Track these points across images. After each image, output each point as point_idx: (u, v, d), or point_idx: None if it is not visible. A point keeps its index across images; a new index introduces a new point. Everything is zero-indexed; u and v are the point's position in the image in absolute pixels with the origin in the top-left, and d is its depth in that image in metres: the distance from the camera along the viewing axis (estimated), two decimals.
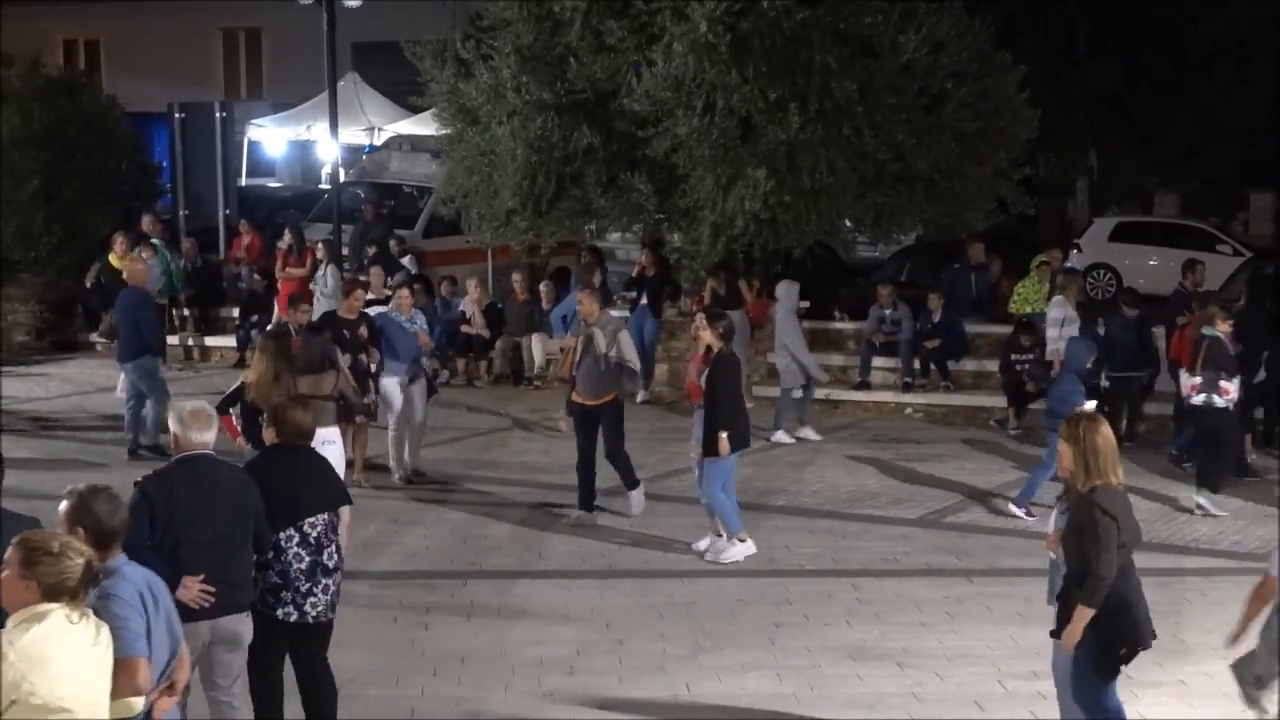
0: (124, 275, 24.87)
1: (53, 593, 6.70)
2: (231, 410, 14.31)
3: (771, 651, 12.94)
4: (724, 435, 15.25)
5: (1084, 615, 9.52)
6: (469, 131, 24.34)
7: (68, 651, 6.65)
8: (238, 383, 14.61)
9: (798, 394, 21.66)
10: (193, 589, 9.35)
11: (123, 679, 6.92)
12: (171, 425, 9.79)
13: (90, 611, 6.90)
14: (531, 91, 23.01)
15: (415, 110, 32.44)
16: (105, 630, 6.91)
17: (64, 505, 7.61)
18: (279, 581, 10.11)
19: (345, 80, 34.16)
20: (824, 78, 21.97)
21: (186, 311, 28.26)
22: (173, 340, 27.81)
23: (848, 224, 24.61)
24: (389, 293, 21.18)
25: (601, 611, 14.02)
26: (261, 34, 46.91)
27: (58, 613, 6.68)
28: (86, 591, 6.82)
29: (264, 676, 10.29)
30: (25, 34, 38.00)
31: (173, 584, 8.98)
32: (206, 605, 9.43)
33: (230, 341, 27.69)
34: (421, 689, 12.11)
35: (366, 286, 20.29)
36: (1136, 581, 9.77)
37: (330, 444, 14.63)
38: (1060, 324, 20.42)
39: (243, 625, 9.78)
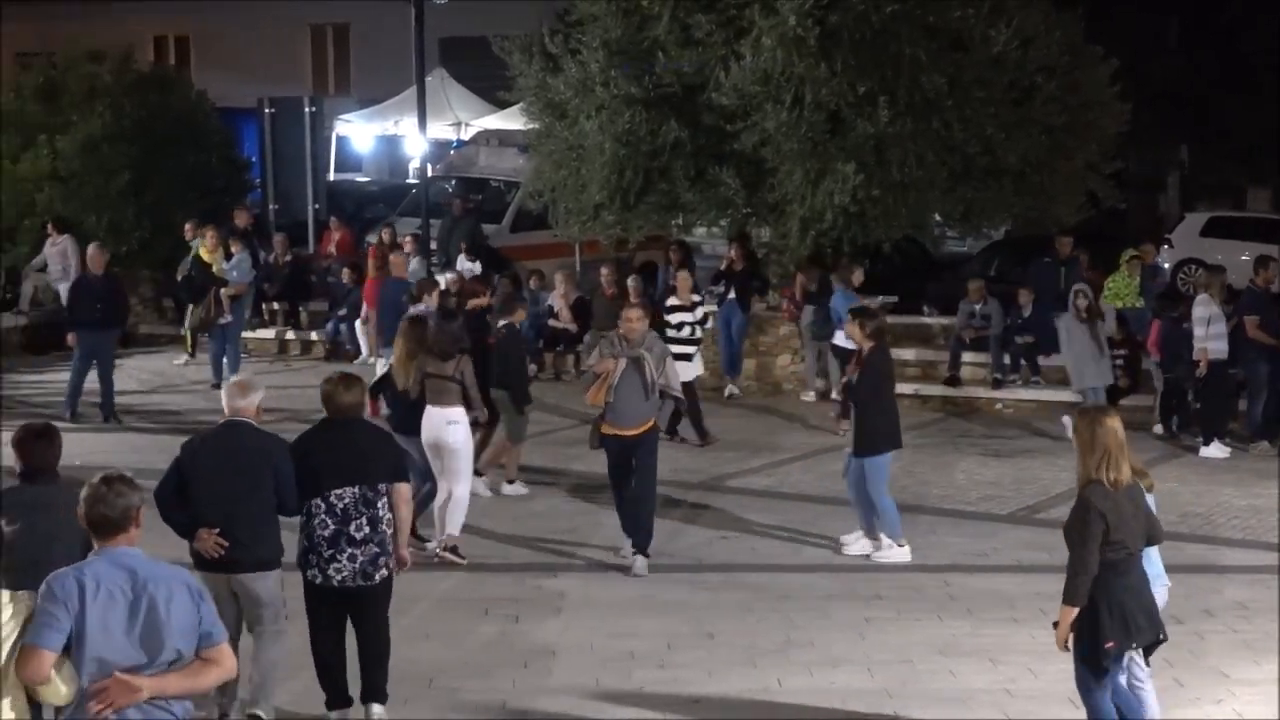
0: (212, 270, 25.16)
1: None
2: (382, 394, 15.80)
3: (862, 646, 12.89)
4: (847, 423, 15.30)
5: (1066, 613, 9.66)
6: (557, 126, 24.37)
7: None
8: (387, 368, 15.63)
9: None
10: (207, 541, 10.47)
11: (20, 664, 7.06)
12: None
13: (15, 594, 7.20)
14: (619, 86, 23.03)
15: (502, 105, 32.50)
16: (20, 614, 7.15)
17: None
18: (306, 545, 10.93)
19: (433, 75, 34.25)
20: (913, 71, 21.92)
21: (276, 305, 28.43)
22: (266, 334, 27.95)
23: (936, 218, 24.49)
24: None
25: (690, 605, 14.01)
26: (349, 29, 47.09)
27: None
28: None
29: (315, 636, 11.16)
30: (116, 30, 38.30)
31: (189, 534, 10.55)
32: (218, 556, 10.50)
33: (319, 335, 27.81)
34: (513, 681, 12.13)
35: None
36: (1135, 580, 9.73)
37: (453, 424, 15.21)
38: (1206, 322, 20.13)
39: (259, 583, 10.69)
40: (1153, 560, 10.28)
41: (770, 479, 18.94)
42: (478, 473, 17.22)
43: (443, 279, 24.78)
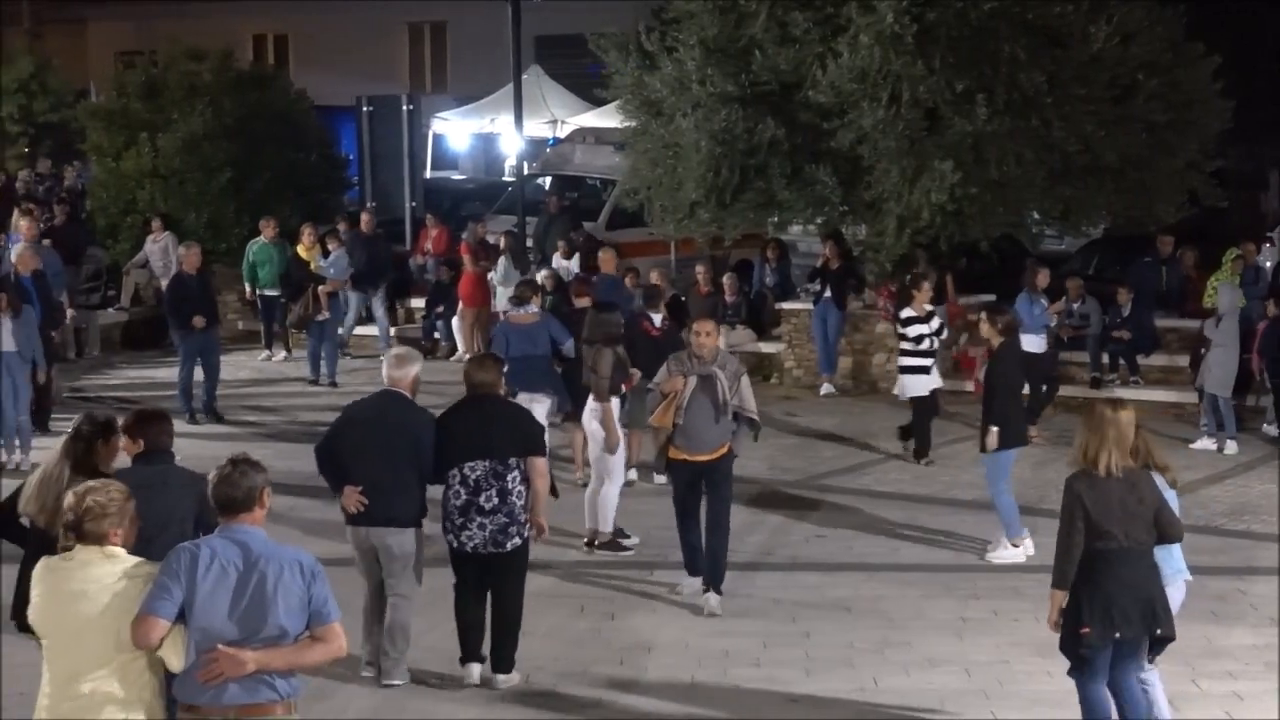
0: (313, 267, 25.32)
1: None
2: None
3: (959, 647, 12.84)
4: (993, 430, 15.09)
5: (1052, 596, 10.09)
6: (653, 124, 24.35)
7: (43, 581, 7.78)
8: None
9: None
10: (350, 497, 11.67)
11: (133, 629, 7.50)
12: None
13: (140, 562, 7.72)
14: (716, 84, 22.99)
15: (598, 103, 32.54)
16: (138, 580, 7.61)
17: None
18: (444, 512, 11.84)
19: (529, 73, 34.34)
20: (1012, 69, 21.78)
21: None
22: (365, 330, 28.02)
23: (1035, 216, 24.31)
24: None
25: (786, 604, 14.00)
26: (446, 28, 47.27)
27: (75, 551, 7.72)
28: (72, 536, 7.70)
29: (456, 595, 12.07)
30: (216, 29, 38.69)
31: (338, 490, 11.79)
32: (358, 511, 11.66)
33: (416, 332, 27.91)
34: (608, 678, 12.18)
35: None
36: (1131, 573, 9.90)
37: (590, 410, 15.95)
38: None
39: (392, 538, 11.70)
40: (1173, 556, 10.50)
41: (867, 478, 18.88)
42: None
43: (539, 275, 24.89)
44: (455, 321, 26.25)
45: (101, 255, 28.77)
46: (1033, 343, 20.82)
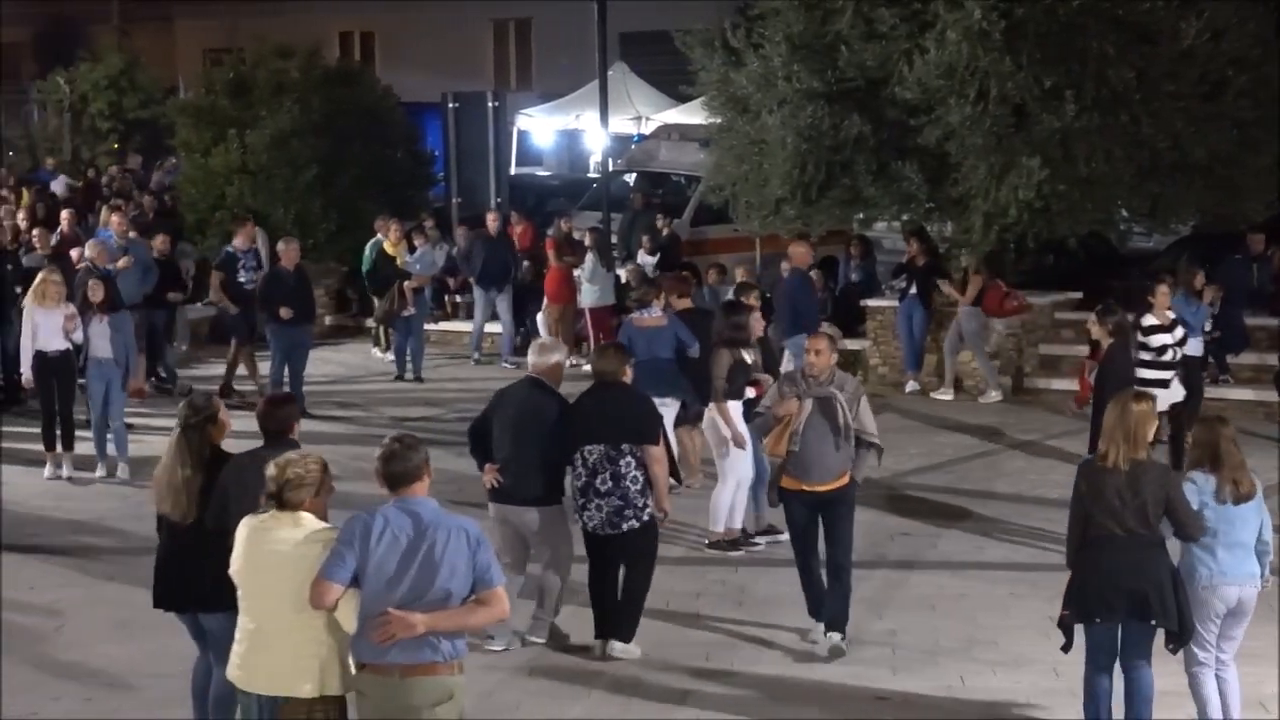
0: (400, 263, 25.45)
1: None
2: None
3: (1046, 646, 12.71)
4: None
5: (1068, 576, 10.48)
6: (738, 120, 24.31)
7: (243, 539, 8.56)
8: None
9: None
10: (487, 475, 12.54)
11: (310, 592, 8.18)
12: None
13: (321, 528, 8.45)
14: (802, 80, 22.92)
15: (683, 99, 32.54)
16: (317, 545, 8.30)
17: None
18: (571, 493, 12.54)
19: (613, 70, 34.38)
20: (1100, 65, 21.61)
21: (459, 298, 28.65)
22: (453, 326, 28.10)
23: (1123, 213, 24.14)
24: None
25: (872, 602, 13.95)
26: (531, 25, 47.42)
27: (271, 514, 8.50)
28: (272, 502, 8.48)
29: (589, 573, 12.70)
30: (303, 27, 38.96)
31: (481, 467, 12.67)
32: (493, 487, 12.51)
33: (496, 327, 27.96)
34: (694, 674, 12.21)
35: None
36: (1122, 561, 10.11)
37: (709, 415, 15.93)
38: None
39: (525, 515, 12.49)
40: (1215, 558, 10.50)
41: (951, 475, 18.81)
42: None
43: (622, 272, 24.95)
44: (540, 317, 26.29)
45: (190, 250, 29.01)
46: (1190, 346, 20.50)
